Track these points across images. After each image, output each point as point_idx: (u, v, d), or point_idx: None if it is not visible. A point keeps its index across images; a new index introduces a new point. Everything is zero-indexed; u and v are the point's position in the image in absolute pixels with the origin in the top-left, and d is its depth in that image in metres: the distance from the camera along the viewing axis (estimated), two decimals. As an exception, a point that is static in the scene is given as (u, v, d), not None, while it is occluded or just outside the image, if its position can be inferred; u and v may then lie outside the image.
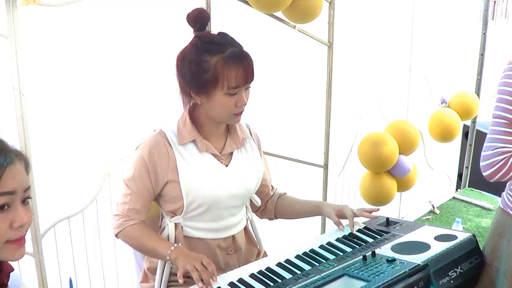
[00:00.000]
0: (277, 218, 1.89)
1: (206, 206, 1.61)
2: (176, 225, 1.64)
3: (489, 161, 1.55)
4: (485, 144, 1.59)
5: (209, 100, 1.55)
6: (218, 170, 1.63)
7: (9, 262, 1.14)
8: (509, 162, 1.52)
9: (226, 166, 1.65)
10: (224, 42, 1.53)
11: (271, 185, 1.88)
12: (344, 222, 1.74)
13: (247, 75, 1.52)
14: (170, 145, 1.60)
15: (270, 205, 1.86)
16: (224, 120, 1.61)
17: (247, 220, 1.79)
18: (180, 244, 1.60)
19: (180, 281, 1.43)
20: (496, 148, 1.54)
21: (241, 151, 1.70)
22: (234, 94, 1.53)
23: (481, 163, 1.58)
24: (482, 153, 1.58)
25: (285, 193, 1.90)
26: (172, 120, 1.65)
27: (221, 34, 1.56)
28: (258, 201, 1.80)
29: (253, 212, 1.89)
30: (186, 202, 1.59)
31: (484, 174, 1.58)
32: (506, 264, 1.61)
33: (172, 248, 1.53)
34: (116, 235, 1.64)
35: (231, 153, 1.68)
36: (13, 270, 1.14)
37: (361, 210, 1.75)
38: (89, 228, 2.20)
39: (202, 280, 1.42)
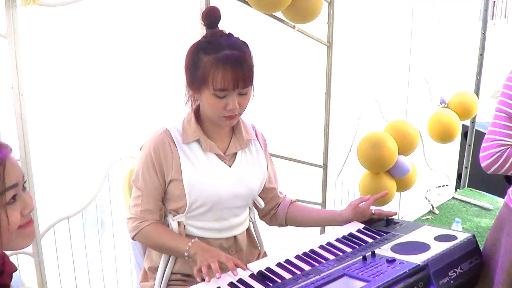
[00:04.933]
0: (286, 225, 1.86)
1: (209, 205, 1.61)
2: (179, 223, 1.64)
3: (487, 152, 1.62)
4: (485, 136, 1.66)
5: (200, 98, 1.56)
6: (222, 170, 1.63)
7: (11, 261, 1.14)
8: (505, 155, 1.59)
9: (230, 166, 1.65)
10: (223, 44, 1.51)
11: (280, 191, 1.85)
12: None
13: (237, 79, 1.49)
14: (175, 143, 1.60)
15: (281, 211, 1.83)
16: (216, 121, 1.59)
17: (249, 221, 1.79)
18: (196, 239, 1.60)
19: (198, 279, 1.42)
20: (494, 140, 1.61)
21: (245, 152, 1.70)
22: (223, 97, 1.51)
23: (480, 154, 1.65)
24: (482, 144, 1.65)
25: (295, 201, 1.86)
26: (178, 118, 1.65)
27: (227, 36, 1.55)
28: (261, 203, 1.79)
29: (261, 219, 1.88)
30: (188, 201, 1.59)
31: (482, 165, 1.65)
32: (504, 256, 1.63)
33: (190, 243, 1.54)
34: (133, 238, 1.64)
35: (235, 154, 1.68)
36: (16, 270, 1.14)
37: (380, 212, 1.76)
38: (88, 228, 2.20)
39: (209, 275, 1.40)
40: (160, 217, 1.73)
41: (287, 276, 1.43)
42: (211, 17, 1.55)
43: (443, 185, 4.14)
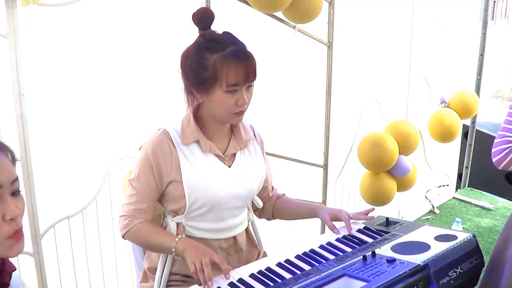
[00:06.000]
0: (274, 219, 1.88)
1: (208, 206, 1.61)
2: (178, 224, 1.64)
3: (497, 148, 1.70)
4: (498, 132, 1.73)
5: (209, 98, 1.55)
6: (221, 170, 1.63)
7: (10, 260, 1.14)
8: None
9: (229, 167, 1.65)
10: (226, 40, 1.53)
11: (272, 186, 1.87)
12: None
13: (247, 73, 1.51)
14: (174, 145, 1.60)
15: (268, 205, 1.86)
16: (225, 119, 1.60)
17: (248, 221, 1.79)
18: (183, 235, 1.60)
19: (195, 276, 1.44)
20: (505, 137, 1.68)
21: (244, 153, 1.70)
22: (234, 93, 1.52)
23: (492, 150, 1.73)
24: (494, 140, 1.73)
25: (284, 194, 1.88)
26: (176, 120, 1.65)
27: (225, 33, 1.56)
28: (259, 203, 1.79)
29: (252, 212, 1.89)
30: (188, 202, 1.59)
31: (493, 160, 1.72)
32: None
33: (176, 239, 1.54)
34: (123, 236, 1.64)
35: (234, 154, 1.68)
36: (15, 269, 1.13)
37: (357, 214, 1.75)
38: (89, 228, 2.20)
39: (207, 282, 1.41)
40: (158, 217, 1.74)
41: (287, 276, 1.44)
42: (205, 18, 1.55)
43: (444, 185, 4.14)
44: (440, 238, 1.57)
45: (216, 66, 1.49)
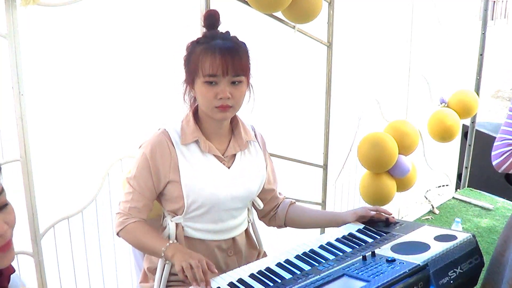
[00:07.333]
0: (286, 226, 1.86)
1: (207, 207, 1.61)
2: (177, 225, 1.64)
3: (497, 151, 1.68)
4: (497, 135, 1.72)
5: (195, 92, 1.58)
6: (220, 171, 1.63)
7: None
8: None
9: (228, 168, 1.65)
10: (216, 35, 1.56)
11: (279, 192, 1.85)
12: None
13: (226, 66, 1.51)
14: (173, 144, 1.60)
15: (280, 212, 1.83)
16: (210, 114, 1.58)
17: (248, 222, 1.78)
18: (176, 241, 1.60)
19: (186, 279, 1.43)
20: (505, 139, 1.67)
21: (244, 154, 1.70)
22: (214, 85, 1.52)
23: (492, 153, 1.71)
24: (494, 143, 1.71)
25: (295, 202, 1.86)
26: (176, 119, 1.65)
27: (224, 32, 1.60)
28: (260, 205, 1.79)
29: (260, 219, 1.88)
30: (186, 202, 1.59)
31: (493, 164, 1.70)
32: None
33: (167, 244, 1.53)
34: (117, 233, 1.64)
35: (234, 155, 1.68)
36: (14, 271, 1.12)
37: (379, 213, 1.75)
38: (88, 228, 2.20)
39: (196, 280, 1.40)
40: (159, 217, 1.74)
41: (287, 276, 1.44)
42: (210, 18, 1.60)
43: (443, 185, 4.14)
44: (439, 238, 1.57)
45: (198, 56, 1.54)
